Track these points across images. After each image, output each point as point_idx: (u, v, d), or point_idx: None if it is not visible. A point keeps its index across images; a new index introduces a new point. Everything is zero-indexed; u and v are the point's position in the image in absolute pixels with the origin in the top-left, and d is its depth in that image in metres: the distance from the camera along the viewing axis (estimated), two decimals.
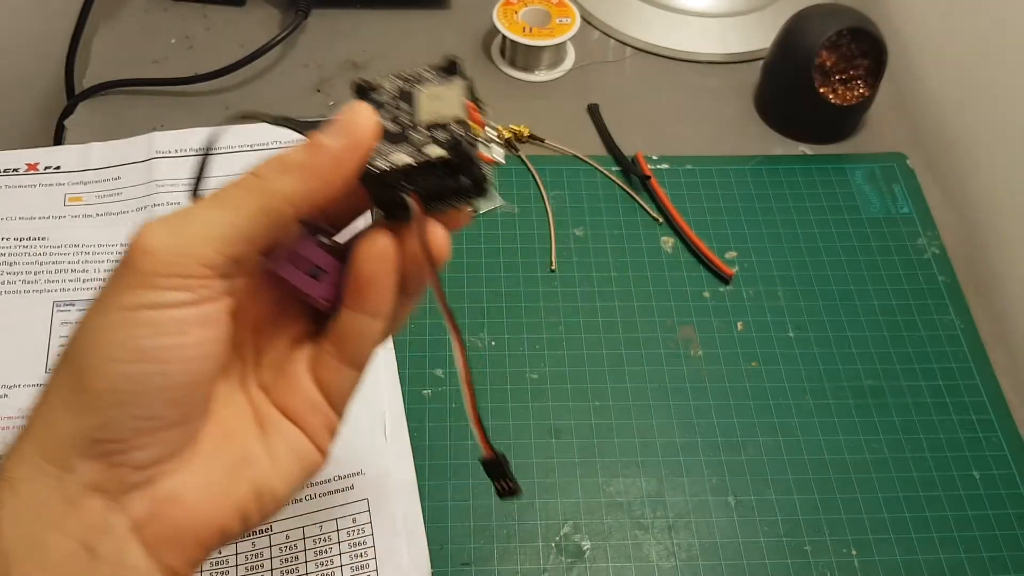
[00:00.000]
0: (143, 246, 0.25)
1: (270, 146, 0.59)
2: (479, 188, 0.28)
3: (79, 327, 0.26)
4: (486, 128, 0.28)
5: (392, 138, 0.27)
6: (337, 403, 0.31)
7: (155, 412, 0.26)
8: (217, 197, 0.27)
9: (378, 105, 0.28)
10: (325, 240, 0.29)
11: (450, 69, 0.29)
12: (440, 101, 0.28)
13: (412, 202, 0.27)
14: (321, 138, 0.27)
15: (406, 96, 0.28)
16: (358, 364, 0.30)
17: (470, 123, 0.27)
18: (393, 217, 0.28)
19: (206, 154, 0.30)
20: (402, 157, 0.27)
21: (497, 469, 0.31)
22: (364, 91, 0.29)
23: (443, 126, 0.27)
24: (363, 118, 0.27)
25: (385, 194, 0.27)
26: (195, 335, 0.26)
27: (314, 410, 0.30)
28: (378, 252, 0.28)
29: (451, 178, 0.27)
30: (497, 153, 0.27)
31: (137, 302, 0.25)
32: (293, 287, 0.29)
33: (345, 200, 0.29)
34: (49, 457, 0.25)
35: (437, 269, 0.28)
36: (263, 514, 0.29)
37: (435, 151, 0.27)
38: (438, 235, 0.28)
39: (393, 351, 0.51)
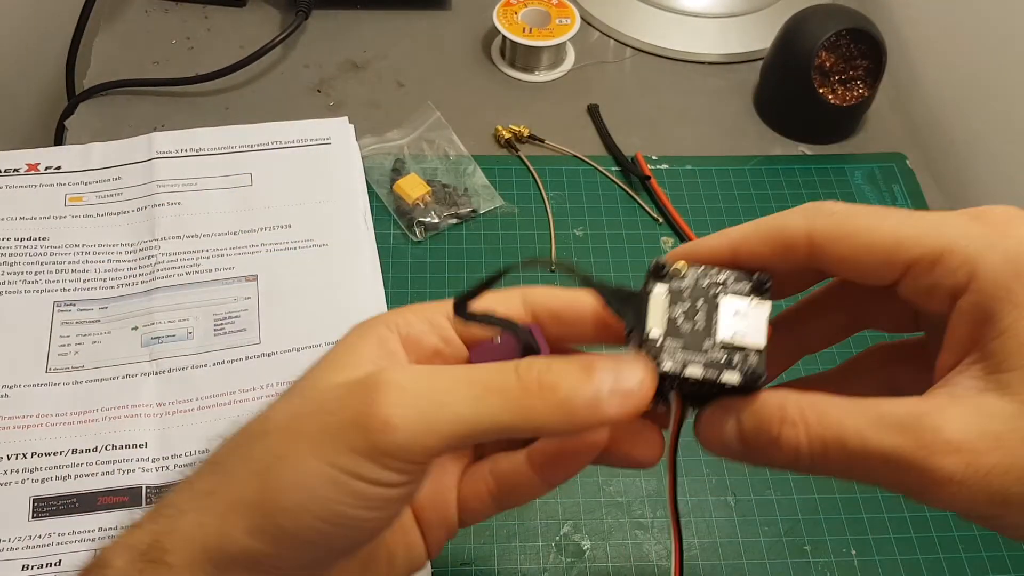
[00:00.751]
0: (387, 420, 0.24)
1: (270, 146, 0.59)
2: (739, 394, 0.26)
3: (282, 448, 0.25)
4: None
5: (680, 337, 0.26)
6: (465, 520, 0.31)
7: (324, 559, 0.26)
8: (475, 389, 0.24)
9: (675, 294, 0.27)
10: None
11: (761, 287, 0.27)
12: (744, 321, 0.26)
13: (674, 400, 0.27)
14: (604, 391, 0.24)
15: (706, 296, 0.27)
16: (504, 506, 0.30)
17: (765, 356, 0.26)
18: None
19: (491, 280, 0.27)
20: (696, 369, 0.26)
21: None
22: (661, 273, 0.27)
23: (741, 349, 0.26)
24: (649, 389, 0.25)
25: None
26: (392, 511, 0.26)
27: (445, 525, 0.30)
28: (596, 442, 0.28)
29: (723, 394, 0.26)
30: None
31: (357, 471, 0.24)
32: None
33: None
34: (215, 562, 0.25)
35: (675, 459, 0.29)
36: None
37: (731, 377, 0.26)
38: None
39: None
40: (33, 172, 0.57)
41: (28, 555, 0.42)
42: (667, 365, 0.26)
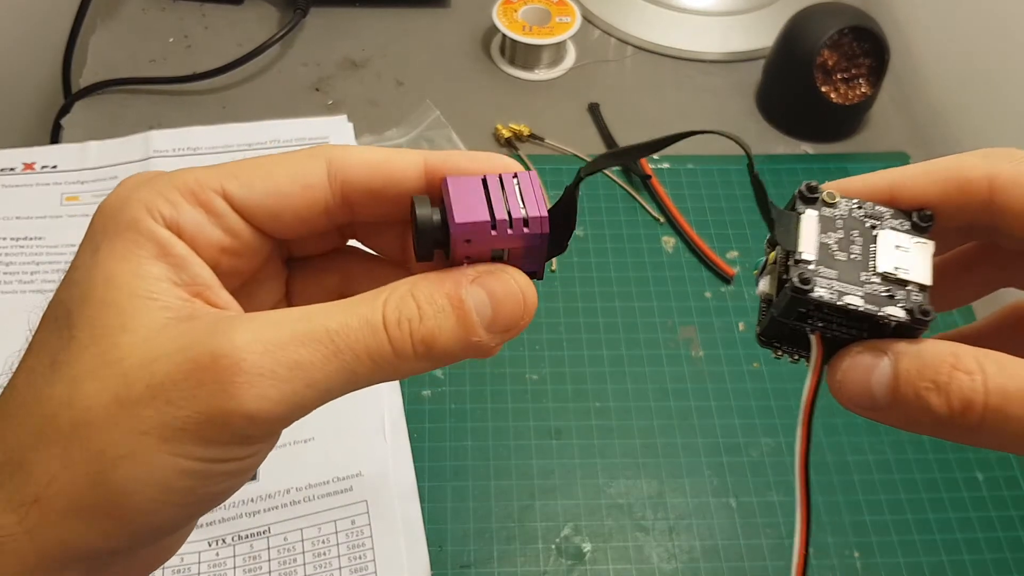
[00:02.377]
0: (247, 411, 0.21)
1: (267, 145, 0.59)
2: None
3: (117, 448, 0.21)
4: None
5: (835, 266, 0.24)
6: None
7: (179, 532, 0.24)
8: (339, 354, 0.22)
9: (826, 221, 0.25)
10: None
11: (923, 225, 0.25)
12: (906, 256, 0.24)
13: (815, 341, 0.24)
14: (480, 330, 0.23)
15: (861, 227, 0.24)
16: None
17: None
18: (777, 338, 0.25)
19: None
20: (854, 300, 0.23)
21: None
22: (811, 196, 0.25)
23: (902, 283, 0.23)
24: (531, 309, 0.23)
25: (791, 316, 0.24)
26: (254, 470, 0.24)
27: None
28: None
29: (866, 334, 0.23)
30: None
31: (218, 457, 0.22)
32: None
33: None
34: (49, 564, 0.22)
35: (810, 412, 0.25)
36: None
37: (896, 312, 0.23)
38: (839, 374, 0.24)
39: None
40: (29, 171, 0.56)
41: None
42: (820, 292, 0.23)
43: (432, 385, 0.50)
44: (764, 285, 0.26)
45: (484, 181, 0.23)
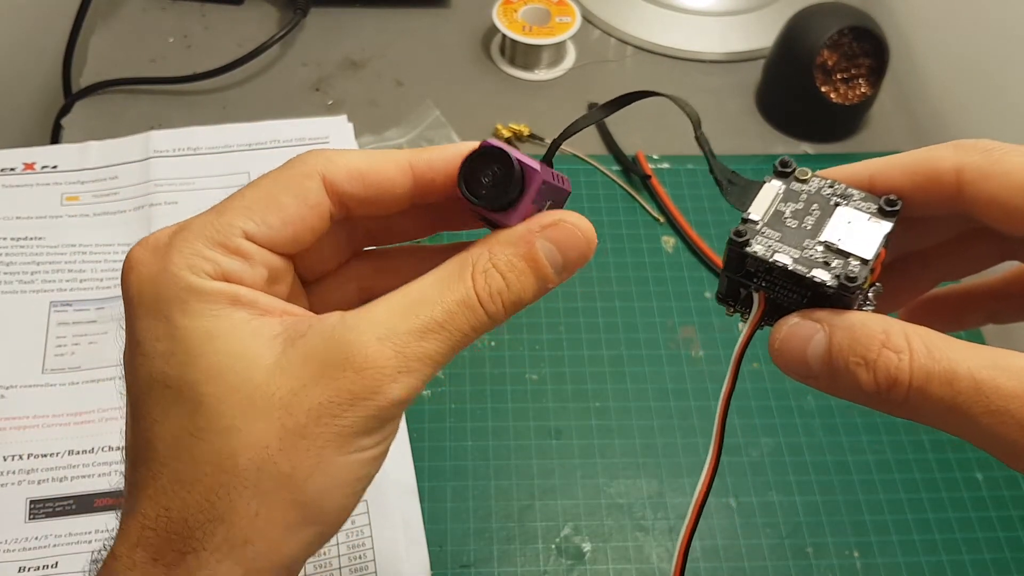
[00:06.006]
0: (395, 401, 0.24)
1: (267, 145, 0.59)
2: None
3: (309, 468, 0.24)
4: (875, 285, 0.25)
5: (782, 230, 0.25)
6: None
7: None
8: (451, 337, 0.25)
9: (790, 193, 0.26)
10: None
11: (888, 210, 0.25)
12: (855, 230, 0.25)
13: (758, 299, 0.25)
14: (552, 275, 0.26)
15: (824, 203, 0.26)
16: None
17: (870, 270, 0.24)
18: (730, 295, 0.27)
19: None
20: (784, 258, 0.24)
21: None
22: (785, 173, 0.27)
23: (843, 255, 0.24)
24: (592, 247, 0.26)
25: (737, 272, 0.25)
26: (391, 442, 0.26)
27: None
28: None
29: (806, 301, 0.24)
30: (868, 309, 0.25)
31: (376, 441, 0.25)
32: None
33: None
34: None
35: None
36: None
37: (822, 275, 0.24)
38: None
39: None
40: (29, 171, 0.56)
41: (24, 557, 0.42)
42: (755, 248, 0.25)
43: (432, 385, 0.50)
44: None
45: (541, 165, 0.27)
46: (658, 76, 0.68)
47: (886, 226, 0.25)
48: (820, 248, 0.25)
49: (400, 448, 0.47)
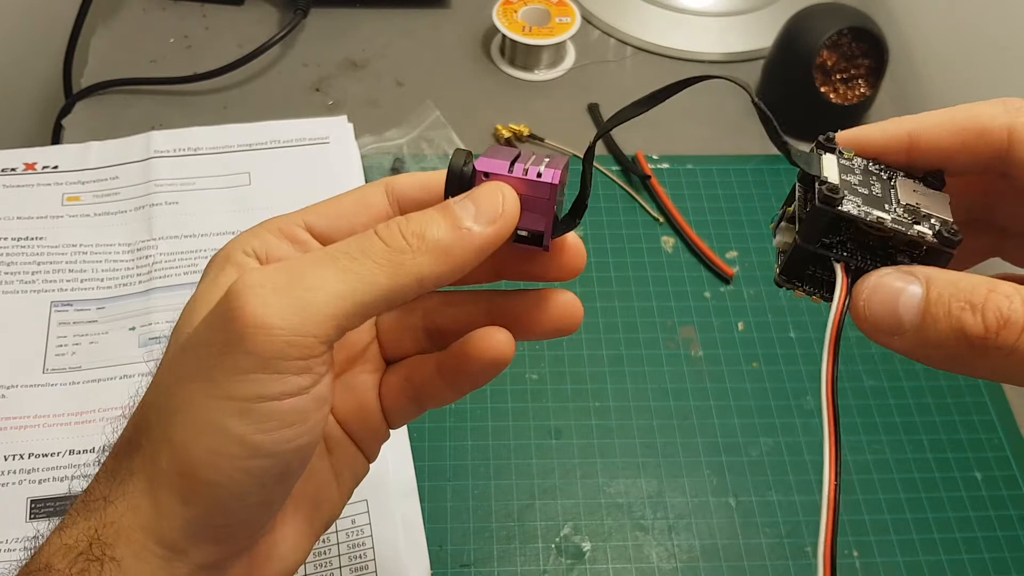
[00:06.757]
0: (259, 322, 0.22)
1: (268, 145, 0.59)
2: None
3: (175, 402, 0.23)
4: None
5: (859, 195, 0.24)
6: (394, 423, 0.31)
7: (269, 497, 0.25)
8: (340, 263, 0.23)
9: (843, 167, 0.25)
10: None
11: (934, 181, 0.25)
12: (923, 198, 0.24)
13: (840, 270, 0.23)
14: (467, 221, 0.25)
15: (878, 176, 0.25)
16: (426, 408, 0.31)
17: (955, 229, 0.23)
18: (797, 276, 0.25)
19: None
20: (882, 215, 0.23)
21: None
22: (831, 148, 0.25)
23: (926, 216, 0.23)
24: (512, 203, 0.25)
25: (817, 241, 0.24)
26: (313, 419, 0.24)
27: (376, 433, 0.31)
28: (500, 357, 0.28)
29: (889, 262, 0.23)
30: None
31: (256, 392, 0.22)
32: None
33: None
34: (160, 541, 0.24)
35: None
36: (323, 533, 0.30)
37: (925, 230, 0.23)
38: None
39: None
40: (30, 171, 0.57)
41: (25, 557, 0.42)
42: (848, 207, 0.23)
43: None
44: (781, 236, 0.26)
45: (518, 154, 0.27)
46: (658, 76, 0.68)
47: (946, 196, 0.25)
48: (901, 211, 0.23)
49: (400, 448, 0.47)
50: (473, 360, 0.28)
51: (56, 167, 0.57)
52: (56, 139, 0.63)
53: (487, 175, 0.26)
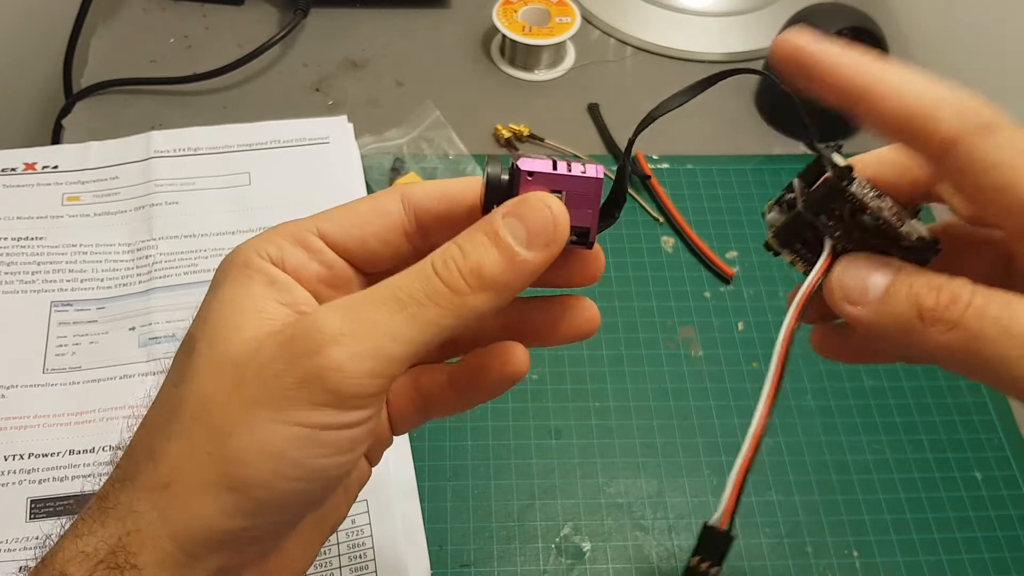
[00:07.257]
0: (339, 366, 0.23)
1: (268, 145, 0.59)
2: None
3: (233, 421, 0.24)
4: None
5: (865, 186, 0.26)
6: (398, 431, 0.31)
7: (303, 512, 0.26)
8: (409, 310, 0.24)
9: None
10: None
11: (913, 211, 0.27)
12: (912, 221, 0.26)
13: (828, 245, 0.26)
14: (520, 248, 0.25)
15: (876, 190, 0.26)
16: (431, 417, 0.31)
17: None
18: (790, 240, 0.27)
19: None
20: (886, 204, 0.25)
21: (718, 545, 0.27)
22: (848, 175, 0.26)
23: (912, 226, 0.25)
24: (562, 217, 0.25)
25: (818, 212, 0.25)
26: (363, 447, 0.25)
27: (380, 439, 0.31)
28: (514, 372, 0.28)
29: (883, 250, 0.25)
30: None
31: (324, 422, 0.24)
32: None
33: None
34: (186, 550, 0.24)
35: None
36: (328, 538, 0.30)
37: (910, 231, 0.25)
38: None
39: None
40: (30, 171, 0.57)
41: (25, 557, 0.42)
42: (856, 189, 0.25)
43: None
44: (775, 213, 0.27)
45: (554, 161, 0.27)
46: (658, 77, 0.68)
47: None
48: (895, 211, 0.25)
49: (400, 448, 0.47)
50: (490, 375, 0.29)
51: (56, 167, 0.57)
52: (56, 139, 0.63)
53: (531, 175, 0.26)
